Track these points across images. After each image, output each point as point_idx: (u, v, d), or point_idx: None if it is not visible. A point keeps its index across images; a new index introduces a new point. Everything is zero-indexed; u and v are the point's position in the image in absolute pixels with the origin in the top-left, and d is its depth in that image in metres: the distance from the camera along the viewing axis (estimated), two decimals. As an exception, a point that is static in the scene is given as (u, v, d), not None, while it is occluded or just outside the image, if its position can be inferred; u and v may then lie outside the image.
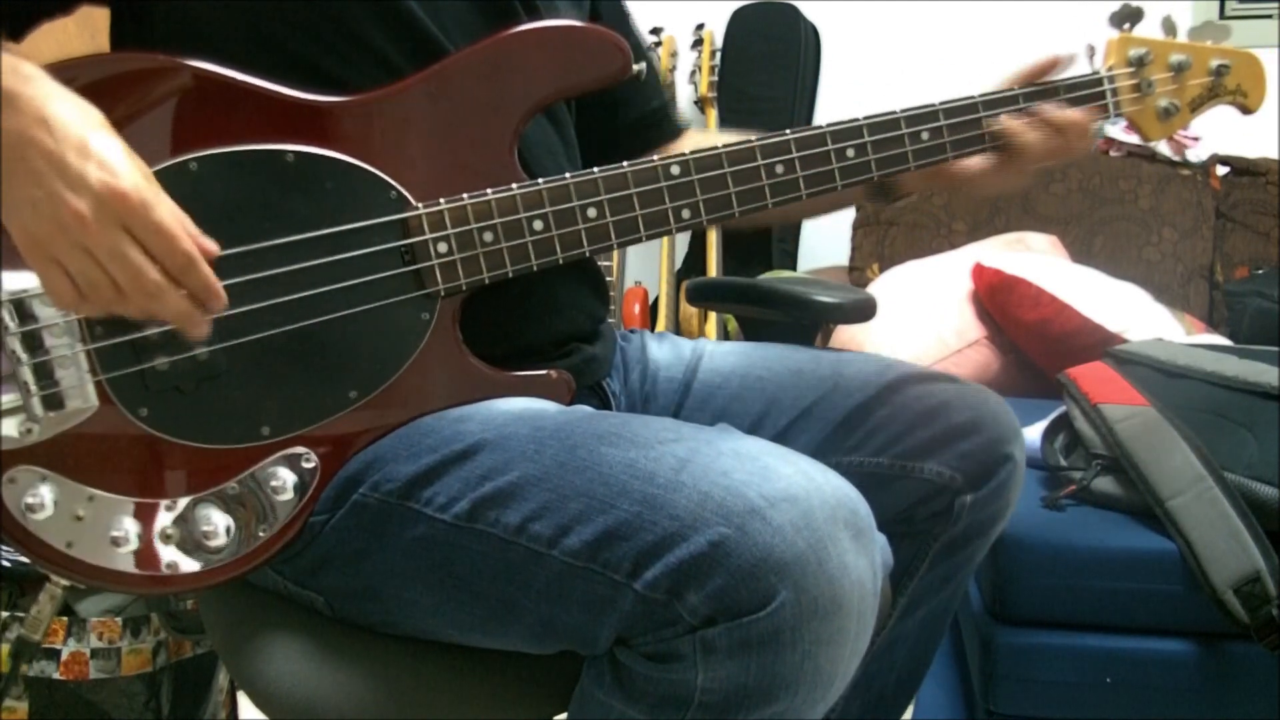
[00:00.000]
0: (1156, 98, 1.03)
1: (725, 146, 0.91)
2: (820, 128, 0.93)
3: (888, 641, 1.04)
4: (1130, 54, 1.02)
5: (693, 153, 0.89)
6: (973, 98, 0.97)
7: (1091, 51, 1.03)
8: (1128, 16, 1.02)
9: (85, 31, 0.89)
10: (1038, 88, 0.98)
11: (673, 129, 1.14)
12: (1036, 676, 1.31)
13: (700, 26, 2.95)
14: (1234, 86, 1.05)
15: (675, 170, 0.89)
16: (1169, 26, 1.04)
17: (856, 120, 0.93)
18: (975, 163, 0.97)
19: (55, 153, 0.68)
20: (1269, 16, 2.70)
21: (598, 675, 0.74)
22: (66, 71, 0.75)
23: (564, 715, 0.80)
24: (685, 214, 0.89)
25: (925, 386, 0.99)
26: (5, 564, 1.35)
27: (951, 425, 0.97)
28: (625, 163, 0.87)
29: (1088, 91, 1.00)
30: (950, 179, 0.98)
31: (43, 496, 0.75)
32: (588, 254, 0.87)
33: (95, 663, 1.34)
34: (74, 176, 0.68)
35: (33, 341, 0.75)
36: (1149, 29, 1.03)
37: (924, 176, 0.98)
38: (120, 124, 0.73)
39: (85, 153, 0.69)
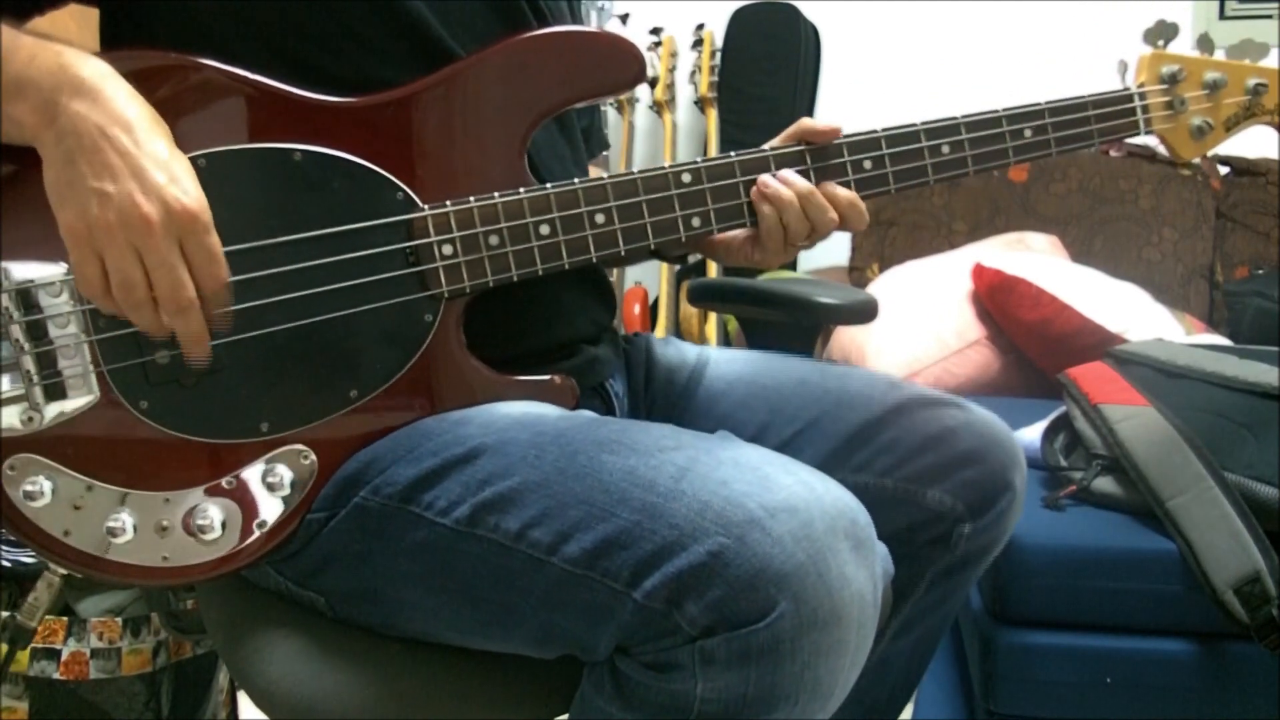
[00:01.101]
0: (1189, 116, 1.01)
1: (738, 154, 0.90)
2: (837, 139, 0.92)
3: (881, 660, 1.04)
4: (1163, 71, 1.00)
5: (704, 160, 0.89)
6: (996, 111, 0.96)
7: (1124, 68, 1.02)
8: (1162, 33, 1.00)
9: (86, 31, 0.89)
10: (1067, 102, 0.97)
11: (596, 147, 1.13)
12: (1036, 676, 1.31)
13: (700, 26, 2.95)
14: (1272, 105, 1.02)
15: (686, 178, 0.88)
16: (1205, 43, 1.02)
17: (875, 131, 0.93)
18: (738, 234, 0.95)
19: (135, 156, 0.71)
20: (1269, 16, 2.70)
21: (597, 682, 0.74)
22: None
23: (565, 716, 0.80)
24: (695, 222, 0.89)
25: (933, 411, 0.98)
26: (5, 564, 1.35)
27: (957, 452, 0.97)
28: (635, 169, 0.87)
29: (1117, 109, 0.99)
30: (709, 244, 0.97)
31: (42, 485, 0.76)
32: (595, 260, 0.87)
33: (95, 663, 1.34)
34: (151, 183, 0.71)
35: (36, 331, 0.75)
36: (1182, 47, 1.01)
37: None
38: None
39: (164, 165, 0.72)
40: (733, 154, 0.90)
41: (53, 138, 0.72)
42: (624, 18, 2.82)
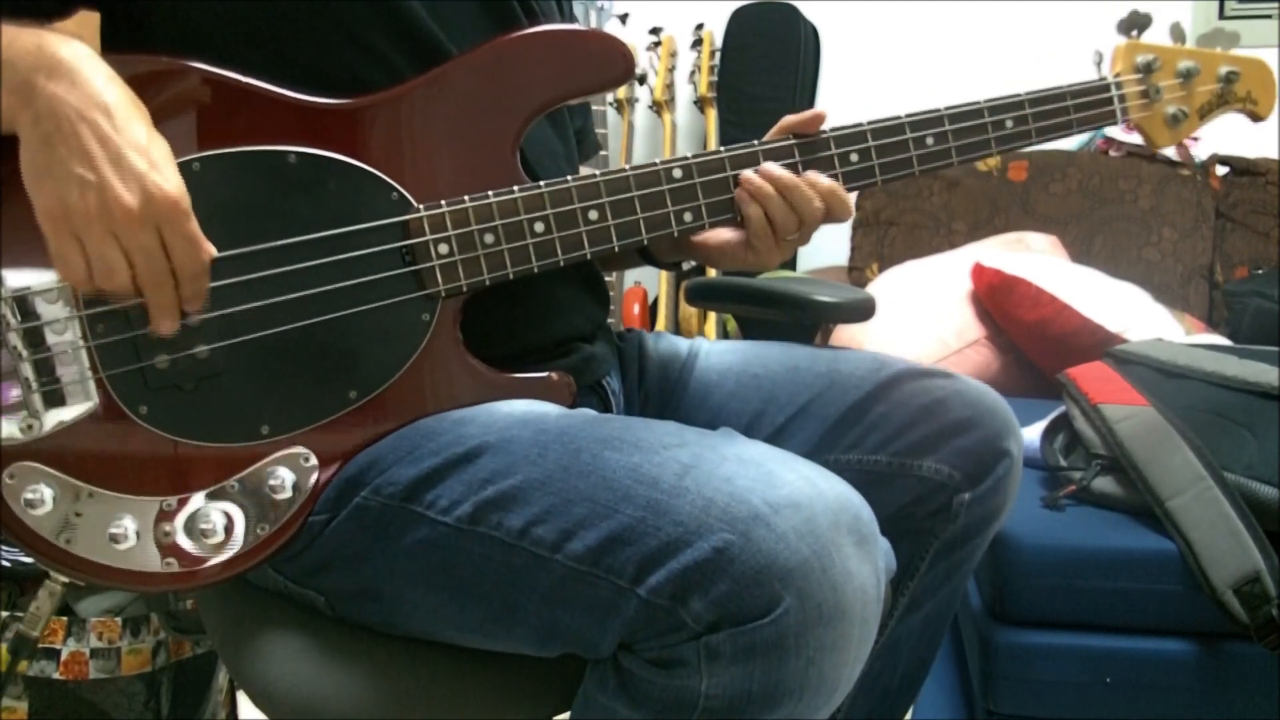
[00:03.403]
0: (1164, 104, 1.03)
1: (728, 149, 0.91)
2: (822, 132, 0.93)
3: (892, 641, 1.04)
4: (1137, 60, 1.02)
5: (695, 156, 0.90)
6: (978, 103, 0.97)
7: (1099, 58, 1.04)
8: (1135, 23, 1.02)
9: (85, 31, 0.89)
10: (1046, 92, 0.98)
11: (590, 150, 1.14)
12: (1036, 676, 1.31)
13: (700, 26, 2.95)
14: (1244, 94, 1.05)
15: (677, 174, 0.89)
16: (1177, 33, 1.04)
17: (860, 125, 0.94)
18: (725, 234, 0.96)
19: (114, 141, 0.71)
20: (1269, 16, 2.70)
21: (601, 679, 0.74)
22: None
23: (566, 715, 0.80)
24: (687, 217, 0.90)
25: (921, 383, 0.99)
26: (5, 564, 1.35)
27: (948, 422, 0.97)
28: (626, 166, 0.88)
29: (1094, 97, 1.00)
30: (702, 249, 0.98)
31: (42, 493, 0.75)
32: (589, 256, 0.87)
33: (95, 663, 1.34)
34: (130, 170, 0.71)
35: (34, 338, 0.75)
36: (1158, 36, 1.03)
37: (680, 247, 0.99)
38: None
39: (143, 151, 0.72)
40: (722, 149, 0.91)
41: (30, 119, 0.71)
42: (623, 18, 2.82)
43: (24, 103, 0.71)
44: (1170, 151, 2.50)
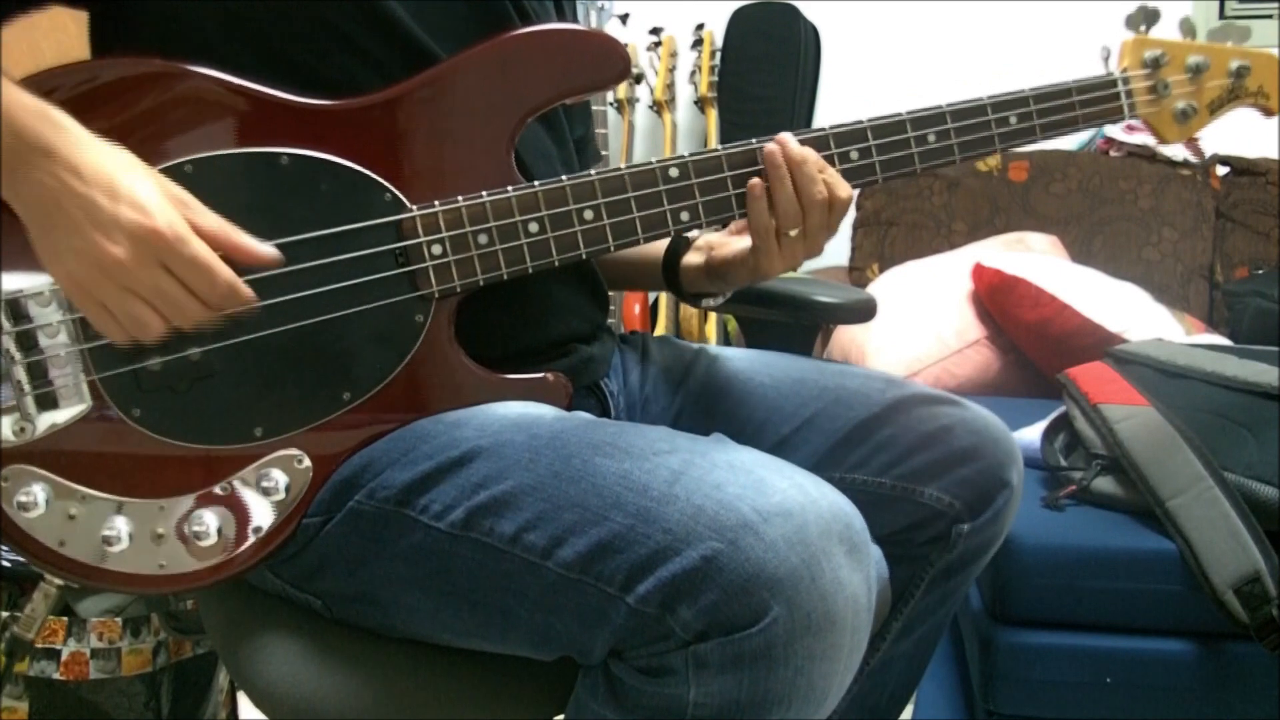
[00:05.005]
0: (1173, 100, 1.02)
1: (725, 148, 0.90)
2: (822, 130, 0.92)
3: (883, 662, 1.04)
4: (1145, 55, 1.01)
5: (691, 155, 0.89)
6: (981, 100, 0.96)
7: (1107, 54, 1.03)
8: (1144, 18, 1.01)
9: (85, 31, 0.88)
10: (1052, 89, 0.97)
11: (590, 160, 1.13)
12: (1036, 676, 1.31)
13: (700, 26, 2.95)
14: (1255, 88, 1.04)
15: (674, 173, 0.88)
16: (1187, 28, 1.03)
17: (861, 123, 0.93)
18: (734, 246, 0.96)
19: (86, 196, 0.70)
20: (1269, 16, 2.69)
21: (592, 686, 0.74)
22: (64, 78, 0.76)
23: (561, 716, 0.80)
24: (684, 216, 0.89)
25: (929, 408, 0.99)
26: (5, 564, 1.35)
27: (953, 450, 0.97)
28: (622, 165, 0.87)
29: (1101, 93, 1.00)
30: (721, 267, 0.99)
31: (36, 495, 0.75)
32: (584, 257, 0.87)
33: (95, 663, 1.34)
34: (107, 220, 0.70)
35: (27, 341, 0.75)
36: (1167, 31, 1.02)
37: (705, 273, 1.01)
38: (115, 130, 0.74)
39: (115, 194, 0.70)
40: (719, 148, 0.90)
41: (21, 209, 0.72)
42: (624, 18, 2.82)
43: (14, 195, 0.71)
44: (1180, 146, 2.50)
